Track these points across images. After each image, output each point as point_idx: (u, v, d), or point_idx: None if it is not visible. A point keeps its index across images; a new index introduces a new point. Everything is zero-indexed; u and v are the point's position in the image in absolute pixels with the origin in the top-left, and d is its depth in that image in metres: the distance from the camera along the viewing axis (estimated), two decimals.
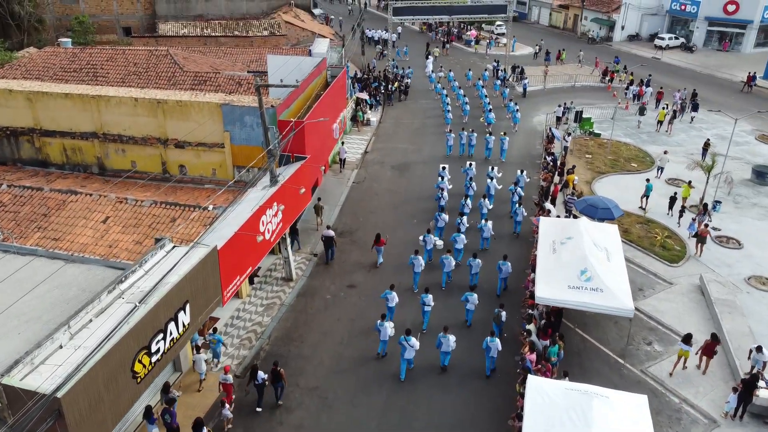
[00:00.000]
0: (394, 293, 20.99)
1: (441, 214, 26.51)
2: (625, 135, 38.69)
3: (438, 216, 26.54)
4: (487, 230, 25.66)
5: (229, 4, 62.43)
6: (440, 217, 26.42)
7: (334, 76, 31.64)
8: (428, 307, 21.02)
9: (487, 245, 25.97)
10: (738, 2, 61.78)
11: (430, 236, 24.81)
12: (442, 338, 18.88)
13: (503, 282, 22.92)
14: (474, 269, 23.01)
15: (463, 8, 47.55)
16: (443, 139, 37.60)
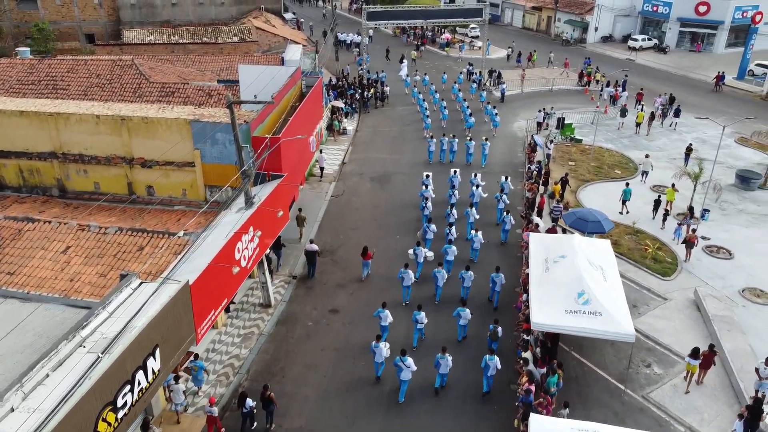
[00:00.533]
0: (387, 312, 20.00)
1: (430, 225, 25.68)
2: (606, 140, 38.10)
3: (427, 227, 25.68)
4: (477, 241, 24.88)
5: (197, 9, 60.65)
6: (429, 229, 25.57)
7: (310, 85, 30.33)
8: (421, 324, 20.18)
9: (476, 256, 25.18)
10: (709, 3, 62.09)
11: (420, 249, 23.92)
12: (440, 359, 18.04)
13: (497, 295, 22.24)
14: (466, 282, 22.27)
15: (438, 12, 46.60)
16: (423, 146, 36.70)
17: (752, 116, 43.99)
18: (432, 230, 25.57)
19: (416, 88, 47.72)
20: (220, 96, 31.87)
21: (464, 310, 20.09)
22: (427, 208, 27.71)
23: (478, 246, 25.04)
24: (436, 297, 22.63)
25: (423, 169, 33.73)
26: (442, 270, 22.47)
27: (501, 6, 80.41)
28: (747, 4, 62.48)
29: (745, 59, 53.61)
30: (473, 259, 24.97)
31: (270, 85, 27.52)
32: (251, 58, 42.32)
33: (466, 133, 38.58)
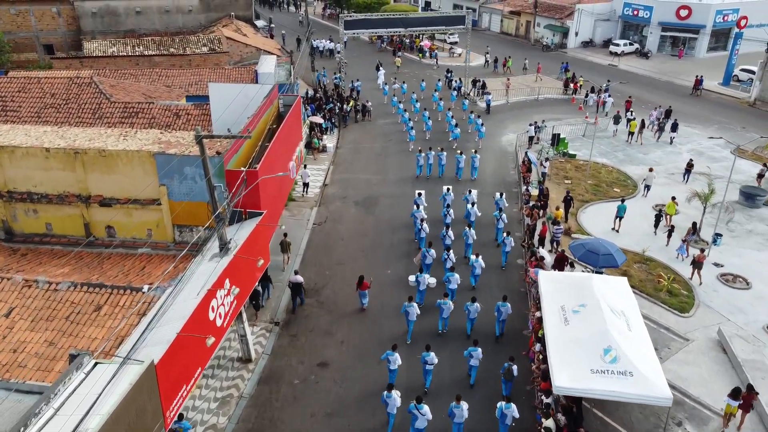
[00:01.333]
0: (397, 354, 18.16)
1: (429, 250, 23.79)
2: (600, 154, 36.28)
3: (426, 252, 23.74)
4: (478, 266, 23.21)
5: (163, 17, 57.52)
6: (428, 253, 23.68)
7: (288, 104, 27.83)
8: (430, 366, 18.38)
9: (476, 282, 23.53)
10: (690, 7, 61.12)
11: (423, 276, 22.19)
12: (454, 408, 16.21)
13: (502, 325, 20.67)
14: (471, 314, 20.63)
15: (419, 20, 44.45)
16: (408, 162, 34.79)
17: (742, 125, 42.97)
18: (431, 255, 23.74)
19: (395, 97, 45.71)
20: (189, 116, 29.27)
21: (476, 349, 18.40)
22: (423, 230, 25.79)
23: (479, 272, 23.42)
24: (442, 327, 21.06)
25: (410, 187, 31.74)
26: (448, 301, 20.75)
27: (478, 11, 78.63)
28: (728, 8, 61.73)
29: (731, 64, 52.59)
30: (473, 285, 23.37)
31: (244, 104, 25.04)
32: (222, 72, 39.66)
33: (452, 145, 36.91)
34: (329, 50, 62.98)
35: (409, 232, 27.68)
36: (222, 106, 26.20)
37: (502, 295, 20.98)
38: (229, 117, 25.37)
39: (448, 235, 25.20)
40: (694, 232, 25.81)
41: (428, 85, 48.03)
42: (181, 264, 18.41)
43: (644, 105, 44.89)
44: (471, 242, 25.28)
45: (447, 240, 25.11)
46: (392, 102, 45.11)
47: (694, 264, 23.74)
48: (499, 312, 20.51)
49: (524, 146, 36.75)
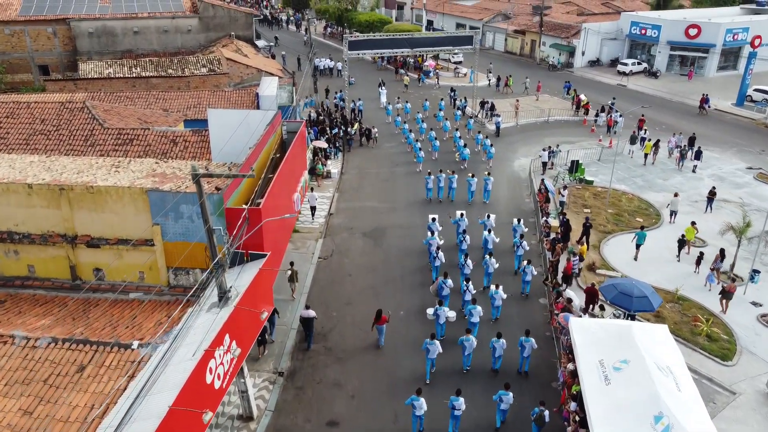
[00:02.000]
0: (422, 400, 16.84)
1: (446, 280, 22.35)
2: (617, 180, 34.59)
3: (443, 283, 22.27)
4: (498, 298, 21.99)
5: (162, 37, 56.20)
6: (446, 285, 22.24)
7: (292, 131, 26.20)
8: (458, 411, 16.97)
9: (498, 314, 22.38)
10: (700, 26, 59.95)
11: (442, 309, 20.94)
12: None
13: (526, 361, 19.69)
14: (497, 351, 19.49)
15: (426, 40, 43.03)
16: (417, 187, 33.44)
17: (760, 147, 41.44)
18: (448, 285, 22.30)
19: (399, 117, 44.34)
20: (186, 143, 27.60)
21: (507, 394, 17.14)
22: (438, 259, 24.53)
23: (499, 303, 22.14)
24: (465, 365, 19.87)
25: (420, 215, 30.18)
26: (471, 337, 19.48)
27: (482, 29, 77.50)
28: (737, 27, 60.58)
29: (744, 84, 51.20)
30: (494, 318, 22.30)
31: (245, 131, 23.43)
32: (221, 94, 38.15)
33: (461, 165, 35.90)
34: (329, 69, 61.76)
35: (422, 260, 26.26)
36: (222, 133, 24.63)
37: (524, 329, 19.89)
38: (229, 145, 23.78)
39: (467, 264, 23.92)
40: (722, 259, 24.47)
41: (432, 105, 46.68)
42: (176, 313, 16.64)
43: (658, 127, 43.41)
44: (491, 271, 24.02)
45: (466, 269, 23.89)
46: (396, 122, 43.90)
47: (723, 294, 22.55)
48: (523, 347, 19.38)
49: (538, 172, 35.11)
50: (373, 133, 40.06)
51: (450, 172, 32.91)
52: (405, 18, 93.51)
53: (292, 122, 26.84)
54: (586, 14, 79.38)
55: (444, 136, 40.82)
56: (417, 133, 41.22)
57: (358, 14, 72.02)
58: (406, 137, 40.22)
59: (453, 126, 41.76)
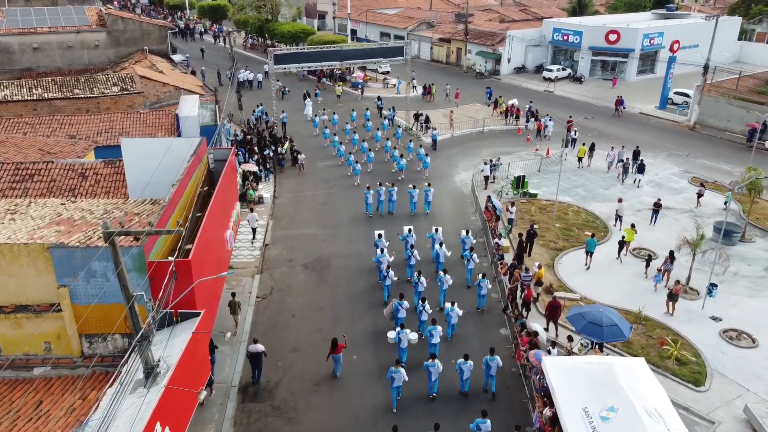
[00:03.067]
0: None
1: (402, 302, 21.09)
2: (561, 191, 33.86)
3: (399, 305, 20.94)
4: (454, 315, 21.09)
5: (66, 54, 51.71)
6: (401, 306, 21.10)
7: (220, 159, 23.59)
8: None
9: (453, 331, 21.55)
10: (619, 32, 61.36)
11: (405, 332, 19.65)
12: None
13: (493, 381, 18.78)
14: (466, 374, 18.49)
15: (355, 52, 41.18)
16: (357, 207, 31.69)
17: (687, 150, 42.20)
18: (404, 307, 21.09)
19: (327, 129, 42.75)
20: (98, 176, 24.51)
21: (485, 422, 16.09)
22: (389, 278, 23.53)
23: (455, 320, 21.26)
24: (432, 391, 18.63)
25: (364, 236, 28.59)
26: (436, 363, 18.22)
27: (406, 37, 76.61)
28: (653, 32, 62.45)
29: (666, 88, 52.50)
30: (449, 337, 21.36)
31: (165, 161, 20.74)
32: (136, 117, 34.82)
33: (399, 176, 35.25)
34: (249, 81, 59.17)
35: (371, 279, 25.28)
36: (139, 165, 21.85)
37: (485, 347, 19.48)
38: (147, 178, 21.02)
39: (421, 281, 22.67)
40: (671, 261, 24.38)
41: (359, 115, 45.47)
42: (92, 391, 13.94)
43: (589, 133, 43.44)
44: (446, 288, 22.98)
45: (420, 287, 22.69)
46: (324, 134, 42.40)
47: (670, 297, 22.52)
48: (488, 367, 18.49)
49: (480, 186, 33.94)
50: (300, 159, 37.04)
51: (389, 184, 31.89)
52: (327, 27, 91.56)
53: (220, 150, 24.22)
54: (508, 21, 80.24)
55: (376, 146, 39.89)
56: (349, 145, 40.11)
57: (280, 25, 69.40)
58: (337, 150, 38.80)
59: (384, 135, 40.90)
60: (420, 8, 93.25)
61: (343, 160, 37.61)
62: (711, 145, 43.88)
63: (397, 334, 19.74)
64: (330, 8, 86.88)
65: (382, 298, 23.71)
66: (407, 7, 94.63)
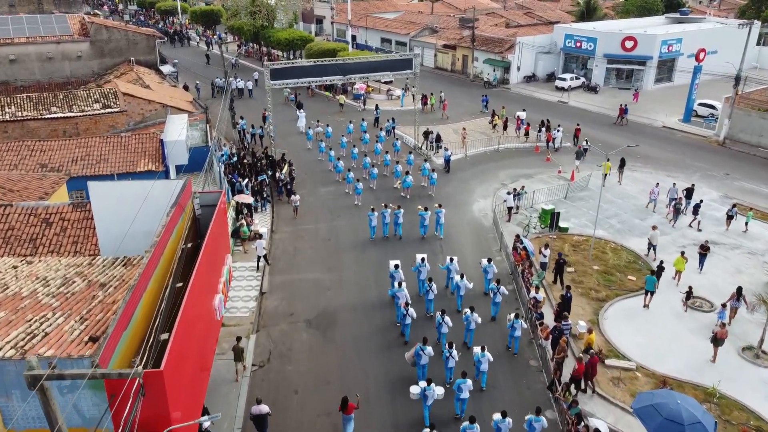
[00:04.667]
0: None
1: (424, 347, 18.54)
2: (589, 221, 30.35)
3: (421, 350, 18.49)
4: (485, 361, 18.64)
5: (45, 66, 47.98)
6: (424, 352, 18.50)
7: (208, 204, 19.91)
8: None
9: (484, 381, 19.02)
10: (636, 38, 57.86)
11: (431, 388, 17.19)
12: None
13: None
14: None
15: (359, 66, 37.48)
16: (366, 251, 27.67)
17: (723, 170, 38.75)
18: (428, 353, 18.59)
19: (323, 142, 39.67)
20: (65, 223, 20.93)
21: None
22: (409, 316, 20.84)
23: (486, 367, 18.77)
24: None
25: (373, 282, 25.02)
26: (475, 426, 15.66)
27: (409, 44, 73.17)
28: (671, 38, 58.99)
29: (691, 99, 48.99)
30: (483, 386, 18.97)
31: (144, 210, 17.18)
32: (116, 141, 31.23)
33: (404, 194, 33.20)
34: (239, 90, 55.81)
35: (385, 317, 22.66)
36: (110, 213, 18.30)
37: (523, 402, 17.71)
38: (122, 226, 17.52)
39: (445, 322, 20.05)
40: (738, 297, 21.67)
41: (356, 128, 42.39)
42: None
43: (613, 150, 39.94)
44: (473, 327, 20.48)
45: (444, 328, 20.11)
46: (320, 148, 39.29)
47: (715, 341, 19.96)
48: (532, 428, 16.10)
49: (503, 217, 30.32)
50: (294, 201, 31.52)
51: (395, 206, 28.80)
52: (325, 32, 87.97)
53: (208, 193, 20.47)
54: (514, 26, 76.70)
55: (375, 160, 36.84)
56: (347, 160, 37.21)
57: (276, 32, 65.73)
58: (335, 165, 35.93)
59: (383, 148, 37.99)
60: (421, 12, 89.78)
61: (342, 176, 34.94)
62: (745, 163, 40.40)
63: (422, 391, 17.16)
64: (328, 13, 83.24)
65: (399, 340, 21.40)
66: (407, 11, 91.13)
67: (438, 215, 28.50)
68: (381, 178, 35.06)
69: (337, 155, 37.34)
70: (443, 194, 32.86)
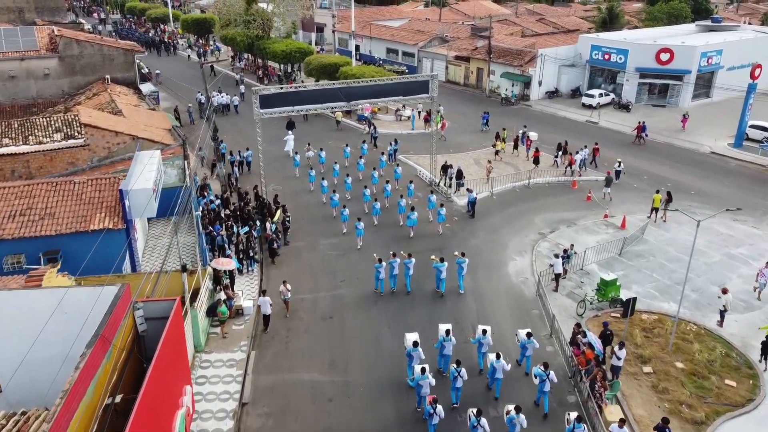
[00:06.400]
0: None
1: None
2: (656, 289, 24.28)
3: None
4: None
5: (8, 85, 42.31)
6: None
7: (156, 317, 13.88)
8: None
9: None
10: (672, 50, 51.81)
11: None
12: None
13: None
14: None
15: (367, 90, 31.36)
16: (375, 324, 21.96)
17: None
18: None
19: (313, 170, 34.41)
20: None
21: None
22: (437, 415, 16.25)
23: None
24: None
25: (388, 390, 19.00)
26: None
27: (417, 55, 67.26)
28: (711, 50, 52.99)
29: (743, 122, 42.95)
30: None
31: (58, 331, 11.41)
32: (69, 188, 25.20)
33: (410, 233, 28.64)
34: (224, 106, 50.14)
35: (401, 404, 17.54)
36: (10, 335, 12.50)
37: None
38: (25, 354, 11.79)
39: (482, 425, 15.68)
40: None
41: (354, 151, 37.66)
42: None
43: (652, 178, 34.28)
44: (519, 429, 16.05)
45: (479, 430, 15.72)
46: (309, 177, 33.97)
47: None
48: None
49: (549, 285, 24.27)
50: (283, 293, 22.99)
51: (405, 255, 24.32)
52: (326, 41, 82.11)
53: (154, 301, 14.49)
54: (530, 35, 70.78)
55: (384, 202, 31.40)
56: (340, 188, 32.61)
57: (272, 43, 59.80)
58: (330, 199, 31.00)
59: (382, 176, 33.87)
60: (428, 19, 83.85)
61: (337, 211, 30.09)
62: None
63: None
64: (329, 21, 77.31)
65: None
66: (413, 17, 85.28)
67: (460, 266, 23.71)
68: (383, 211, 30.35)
69: (331, 186, 32.47)
70: (469, 248, 26.90)
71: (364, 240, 27.77)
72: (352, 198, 32.32)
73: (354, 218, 28.32)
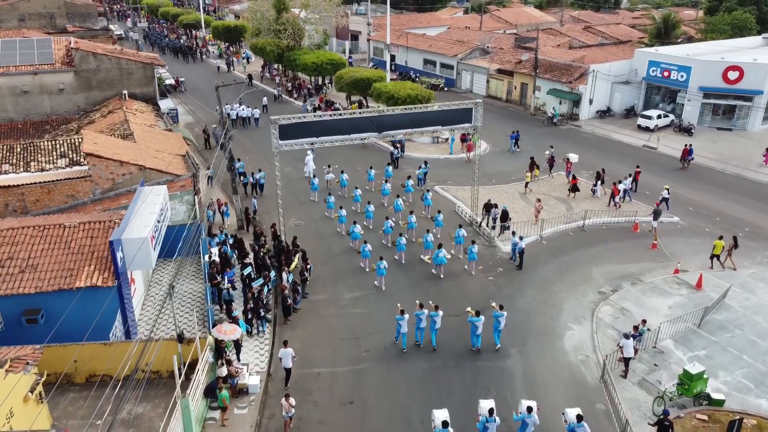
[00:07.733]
0: None
1: None
2: (747, 377, 19.85)
3: None
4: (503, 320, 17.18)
5: (20, 101, 39.94)
6: None
7: None
8: None
9: None
10: (741, 68, 46.60)
11: None
12: None
13: None
14: None
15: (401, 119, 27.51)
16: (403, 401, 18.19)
17: None
18: None
19: (331, 195, 31.52)
20: None
21: None
22: None
23: None
24: None
25: None
26: None
27: (456, 67, 63.18)
28: None
29: None
30: None
31: None
32: (58, 233, 22.09)
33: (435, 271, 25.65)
34: (244, 119, 47.39)
35: None
36: None
37: None
38: None
39: None
40: None
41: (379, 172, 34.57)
42: None
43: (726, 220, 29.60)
44: None
45: None
46: (328, 204, 31.14)
47: None
48: None
49: (615, 370, 20.02)
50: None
51: (432, 306, 21.40)
52: (360, 50, 78.65)
53: None
54: (578, 47, 66.01)
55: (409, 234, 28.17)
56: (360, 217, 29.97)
57: (302, 54, 56.48)
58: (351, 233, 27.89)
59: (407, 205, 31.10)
60: (468, 28, 79.60)
61: (358, 244, 26.89)
62: None
63: None
64: (364, 29, 73.81)
65: None
66: (452, 26, 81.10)
67: (497, 320, 20.95)
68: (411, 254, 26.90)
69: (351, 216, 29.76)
70: (516, 309, 22.93)
71: (387, 280, 24.70)
72: (374, 228, 29.13)
73: (377, 255, 25.40)
